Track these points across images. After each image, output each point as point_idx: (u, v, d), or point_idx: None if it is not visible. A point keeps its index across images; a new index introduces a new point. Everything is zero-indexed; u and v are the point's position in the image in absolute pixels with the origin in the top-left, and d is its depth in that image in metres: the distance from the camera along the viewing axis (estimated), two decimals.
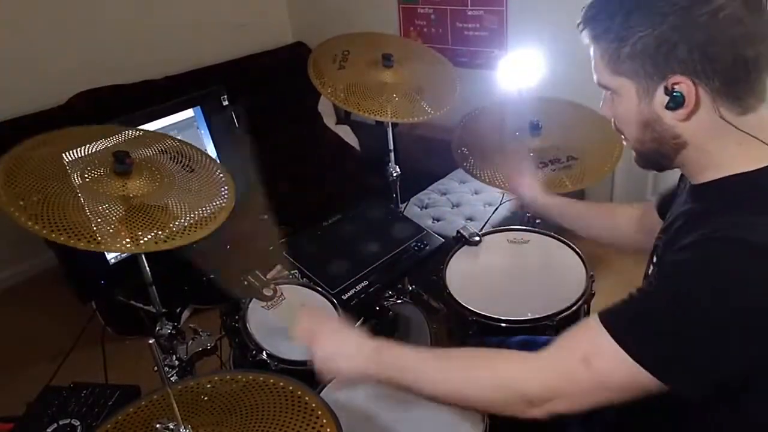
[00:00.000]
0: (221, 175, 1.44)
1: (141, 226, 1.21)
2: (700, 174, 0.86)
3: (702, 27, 0.75)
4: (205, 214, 1.30)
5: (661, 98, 0.81)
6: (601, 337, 0.78)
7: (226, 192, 1.39)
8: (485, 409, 0.97)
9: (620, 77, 0.84)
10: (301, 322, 1.05)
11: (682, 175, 1.05)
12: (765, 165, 0.80)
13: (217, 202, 1.34)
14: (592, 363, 0.79)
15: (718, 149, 0.82)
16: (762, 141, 0.80)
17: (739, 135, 0.80)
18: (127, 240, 1.17)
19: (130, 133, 1.44)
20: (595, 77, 0.88)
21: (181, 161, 1.42)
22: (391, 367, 0.95)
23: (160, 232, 1.21)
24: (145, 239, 1.19)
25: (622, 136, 0.92)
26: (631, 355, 0.76)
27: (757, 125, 0.81)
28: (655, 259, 0.95)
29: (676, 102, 0.79)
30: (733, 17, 0.74)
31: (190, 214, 1.27)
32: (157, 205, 1.26)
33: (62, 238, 1.09)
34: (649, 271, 0.97)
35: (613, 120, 0.92)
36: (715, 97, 0.79)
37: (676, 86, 0.78)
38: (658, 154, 0.88)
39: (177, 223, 1.24)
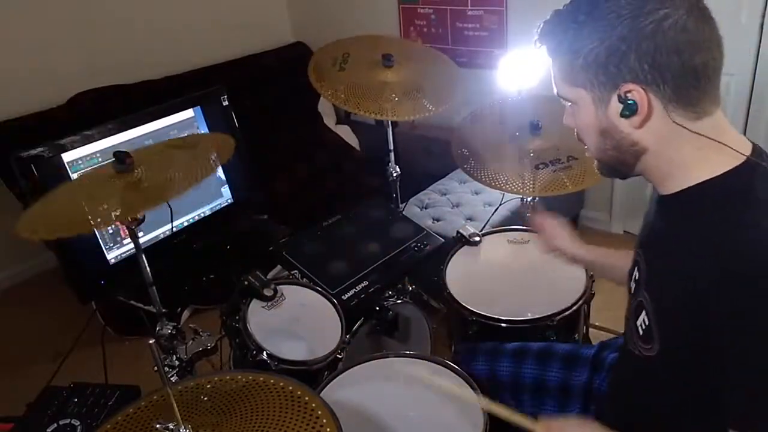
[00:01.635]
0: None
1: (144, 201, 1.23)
2: (666, 182, 0.87)
3: (648, 36, 0.77)
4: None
5: (615, 106, 0.83)
6: None
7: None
8: None
9: (577, 88, 0.86)
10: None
11: None
12: (729, 168, 0.81)
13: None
14: None
15: (678, 155, 0.83)
16: (722, 143, 0.81)
17: (697, 140, 0.81)
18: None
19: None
20: (554, 90, 0.91)
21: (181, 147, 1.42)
22: None
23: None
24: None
25: (585, 146, 0.94)
26: None
27: (713, 129, 0.81)
28: (636, 276, 0.94)
29: (629, 110, 0.81)
30: (678, 26, 0.76)
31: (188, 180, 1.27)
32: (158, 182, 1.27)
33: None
34: (632, 288, 0.95)
35: (575, 130, 0.94)
36: (667, 104, 0.80)
37: (628, 94, 0.80)
38: (618, 161, 0.89)
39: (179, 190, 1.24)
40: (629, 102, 0.80)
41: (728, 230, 0.77)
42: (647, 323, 0.87)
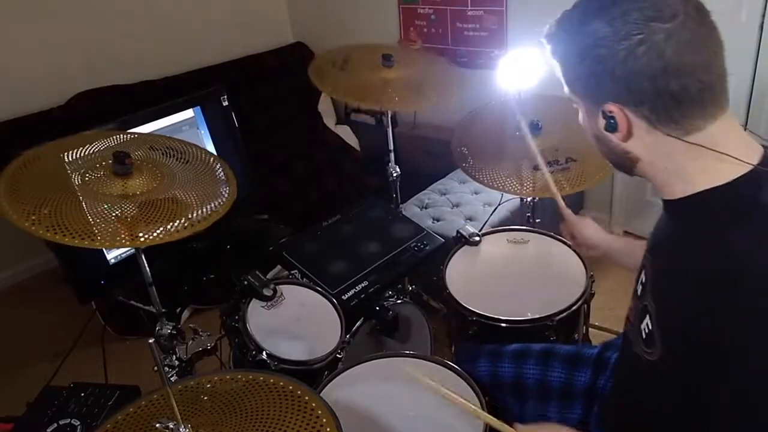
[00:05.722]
0: (215, 163, 1.46)
1: (155, 220, 1.24)
2: (666, 188, 0.87)
3: (621, 62, 0.77)
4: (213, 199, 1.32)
5: (601, 121, 0.84)
6: None
7: (222, 174, 1.42)
8: None
9: (572, 93, 0.88)
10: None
11: None
12: (734, 178, 0.80)
13: (220, 189, 1.36)
14: None
15: (672, 164, 0.83)
16: (721, 152, 0.79)
17: (692, 150, 0.80)
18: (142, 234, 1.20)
19: (120, 137, 1.45)
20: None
21: (174, 155, 1.43)
22: None
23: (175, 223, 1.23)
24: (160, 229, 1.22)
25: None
26: None
27: (707, 141, 0.80)
28: (644, 279, 0.93)
29: (611, 127, 0.83)
30: (652, 52, 0.75)
31: (199, 203, 1.29)
32: (165, 198, 1.28)
33: (86, 243, 1.14)
34: (639, 291, 0.95)
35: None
36: (651, 121, 0.80)
37: (609, 112, 0.82)
38: (617, 164, 0.92)
39: (191, 214, 1.26)
40: (611, 120, 0.82)
41: (731, 242, 0.76)
42: (650, 328, 0.87)
